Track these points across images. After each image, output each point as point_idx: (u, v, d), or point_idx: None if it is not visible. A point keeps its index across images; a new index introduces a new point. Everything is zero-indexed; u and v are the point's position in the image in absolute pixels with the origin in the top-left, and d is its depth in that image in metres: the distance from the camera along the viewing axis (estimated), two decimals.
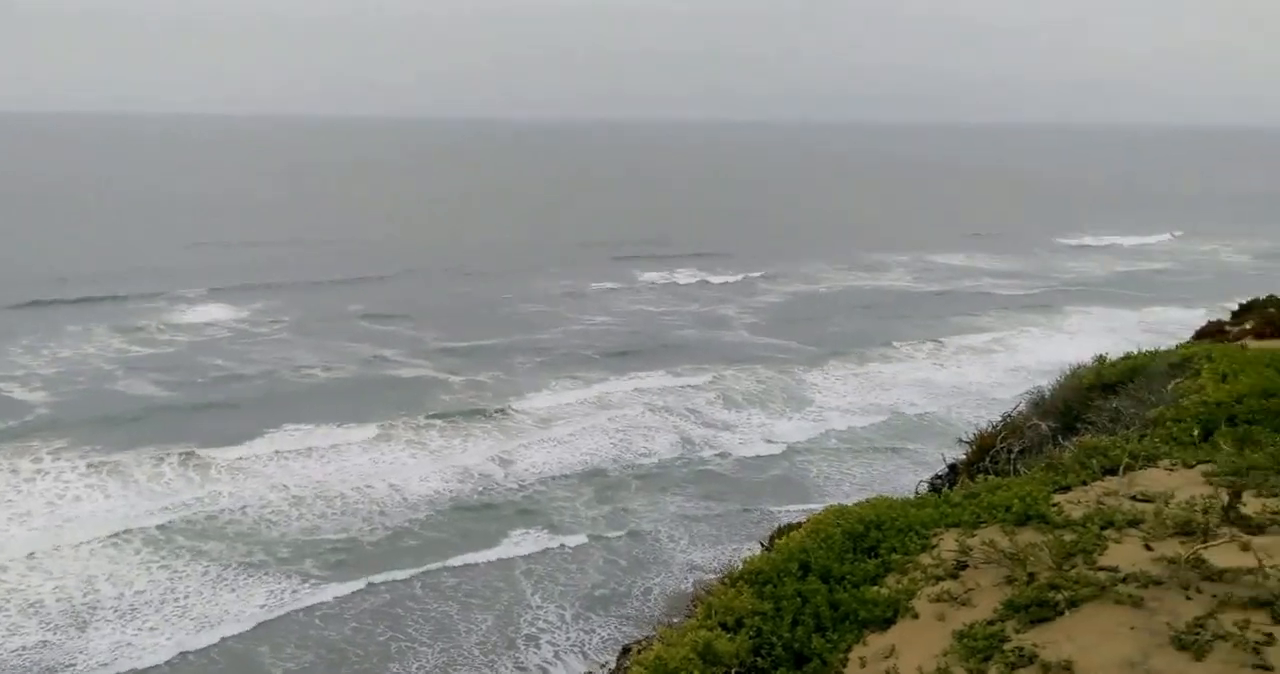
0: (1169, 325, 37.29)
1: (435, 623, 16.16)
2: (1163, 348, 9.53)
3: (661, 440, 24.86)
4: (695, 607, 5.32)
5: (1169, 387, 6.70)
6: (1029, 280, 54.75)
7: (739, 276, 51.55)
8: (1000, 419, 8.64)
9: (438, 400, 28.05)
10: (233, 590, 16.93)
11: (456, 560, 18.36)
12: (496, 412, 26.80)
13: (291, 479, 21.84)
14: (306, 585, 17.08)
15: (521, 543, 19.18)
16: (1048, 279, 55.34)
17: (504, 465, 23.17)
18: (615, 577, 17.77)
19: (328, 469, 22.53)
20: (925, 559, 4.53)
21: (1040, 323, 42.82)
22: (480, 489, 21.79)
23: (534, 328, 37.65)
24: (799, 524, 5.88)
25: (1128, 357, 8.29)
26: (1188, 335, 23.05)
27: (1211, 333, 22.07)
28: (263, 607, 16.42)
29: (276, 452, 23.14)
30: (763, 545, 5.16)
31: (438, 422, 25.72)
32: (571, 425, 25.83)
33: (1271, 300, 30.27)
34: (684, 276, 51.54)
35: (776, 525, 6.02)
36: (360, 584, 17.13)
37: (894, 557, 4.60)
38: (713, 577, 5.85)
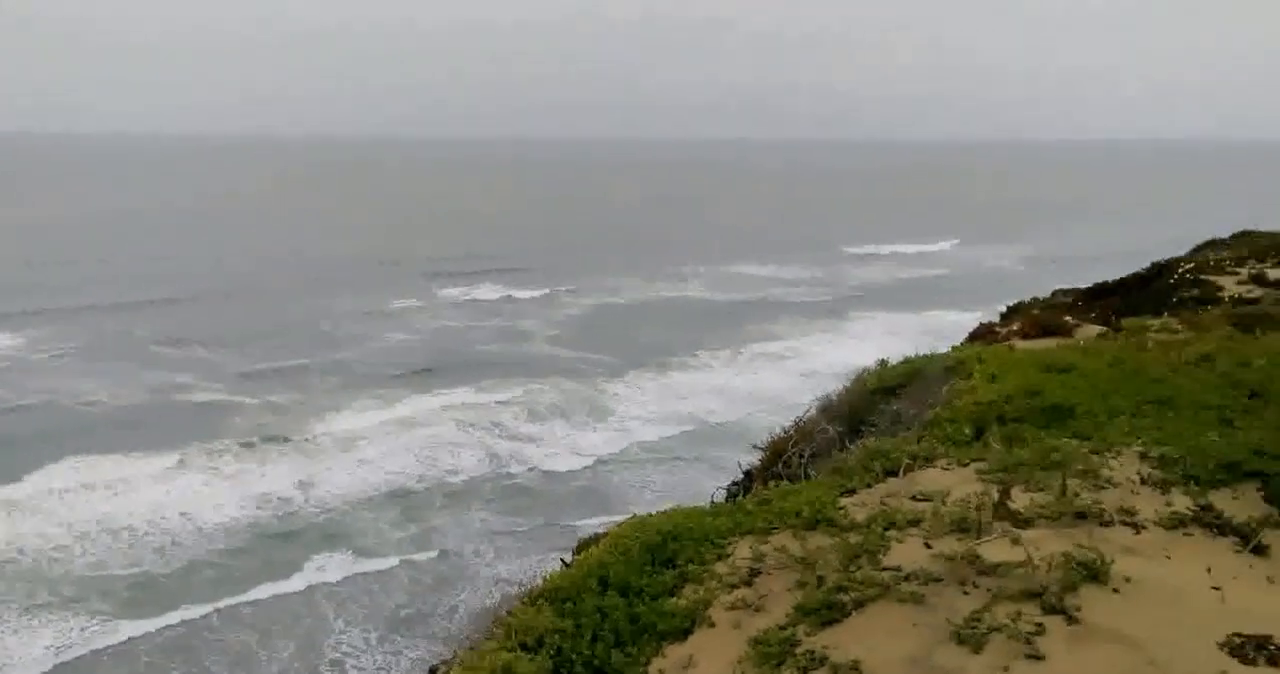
0: (947, 327, 39.69)
1: (234, 654, 15.32)
2: (940, 350, 9.96)
3: (467, 456, 24.42)
4: (496, 627, 5.14)
5: (944, 388, 7.00)
6: (820, 288, 57.24)
7: (541, 291, 51.50)
8: (792, 424, 8.84)
9: (233, 425, 26.67)
10: (15, 633, 15.56)
11: (256, 589, 17.49)
12: (296, 434, 25.72)
13: (75, 515, 20.28)
14: (95, 623, 15.92)
15: (325, 567, 18.44)
16: (837, 286, 58.00)
17: (305, 489, 22.21)
18: (421, 596, 17.30)
19: (116, 502, 21.03)
20: (721, 568, 4.51)
21: (830, 329, 44.82)
22: (280, 515, 20.82)
23: (334, 347, 36.37)
24: (601, 537, 5.79)
25: (907, 360, 8.65)
26: (963, 336, 24.47)
27: (983, 334, 23.49)
28: (49, 648, 15.18)
29: (56, 487, 21.47)
30: (564, 562, 5.04)
31: (233, 447, 24.46)
32: (375, 445, 25.04)
33: (1035, 302, 32.56)
34: (486, 292, 51.02)
35: (578, 539, 5.91)
36: (153, 620, 16.10)
37: (691, 567, 4.57)
38: (517, 590, 5.69)
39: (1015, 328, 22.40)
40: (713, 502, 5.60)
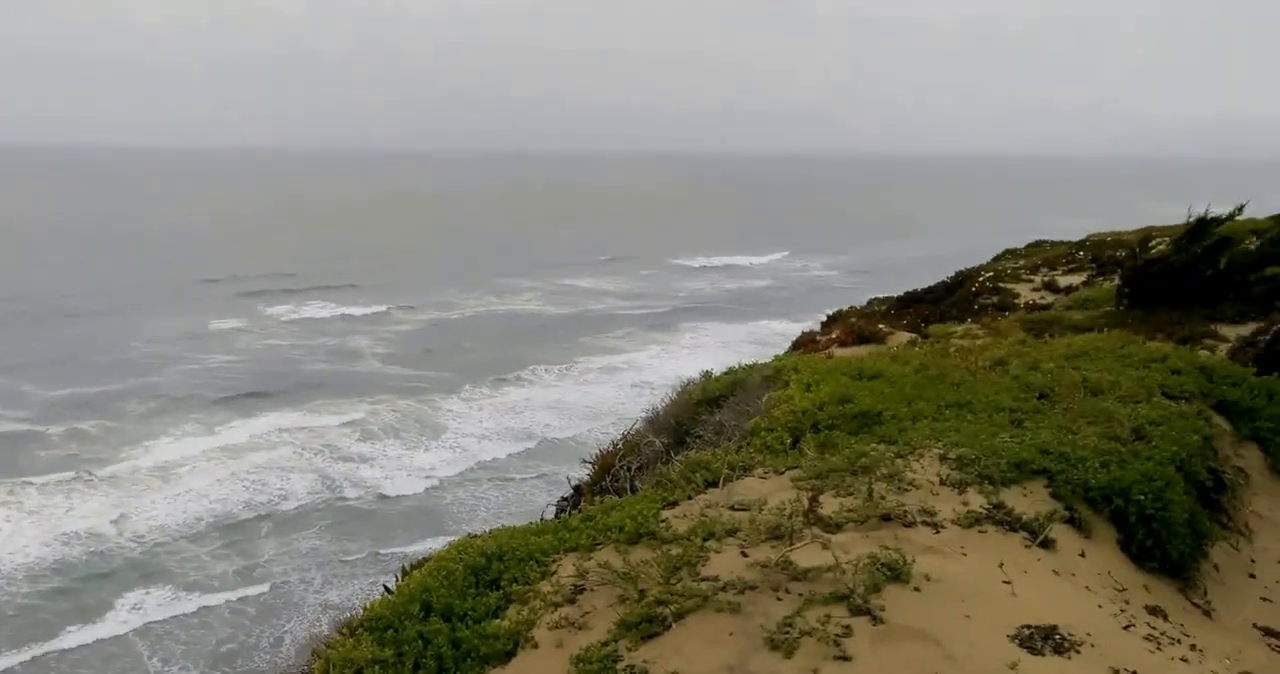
0: (772, 337, 40.95)
1: None
2: (767, 359, 10.17)
3: (298, 481, 23.53)
4: (315, 660, 4.93)
5: (763, 398, 7.17)
6: (651, 300, 57.99)
7: (371, 307, 50.28)
8: (620, 438, 8.89)
9: (37, 458, 24.86)
10: None
11: (64, 634, 16.34)
12: (108, 465, 24.18)
13: None
14: None
15: (141, 605, 17.39)
16: (668, 299, 58.90)
17: (119, 523, 20.89)
18: (245, 629, 16.53)
19: None
20: (545, 587, 4.47)
21: (662, 341, 45.45)
22: (92, 552, 19.50)
23: (149, 371, 34.43)
24: (426, 561, 5.64)
25: (730, 371, 8.82)
26: (787, 345, 25.24)
27: (805, 342, 24.27)
28: None
29: None
30: (386, 589, 4.88)
31: (37, 481, 22.78)
32: (198, 474, 23.81)
33: (853, 311, 33.89)
34: (314, 310, 49.39)
35: (405, 563, 5.74)
36: None
37: (515, 587, 4.51)
38: (342, 619, 5.47)
39: (834, 336, 23.25)
40: (542, 519, 5.54)
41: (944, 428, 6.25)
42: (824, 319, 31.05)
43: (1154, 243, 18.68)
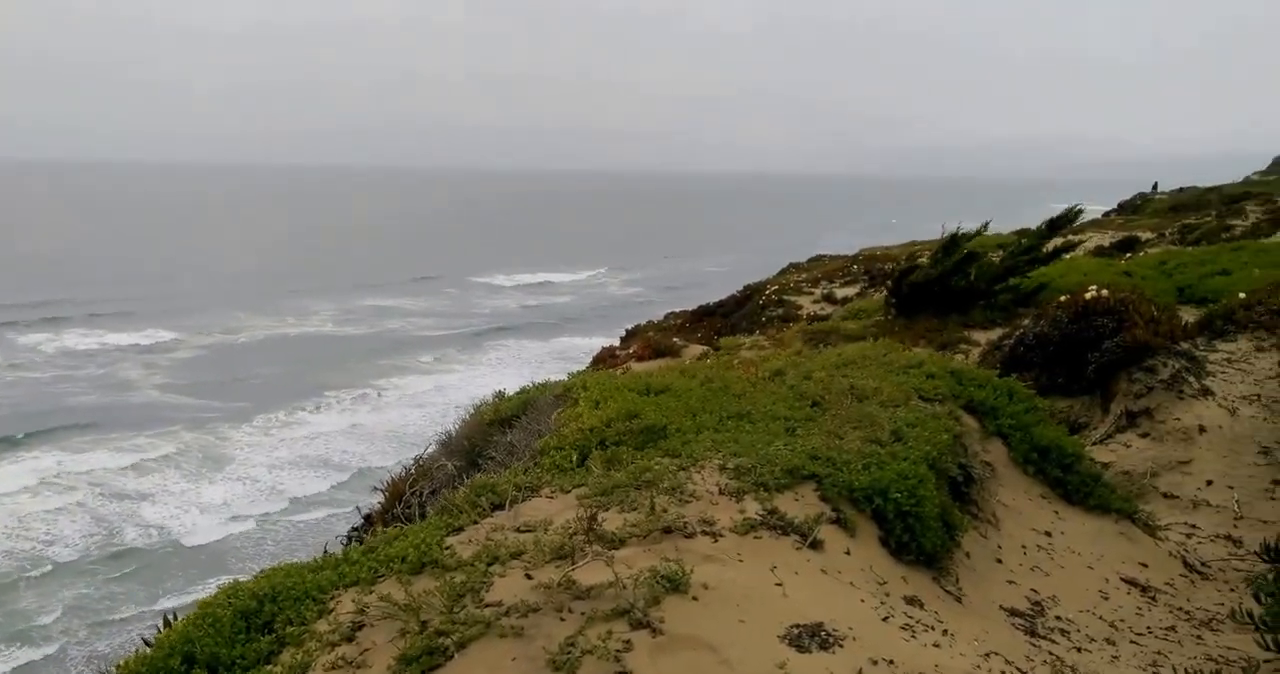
0: (576, 353, 41.17)
1: None
2: (571, 374, 10.14)
3: (67, 525, 21.68)
4: None
5: (553, 416, 7.17)
6: (454, 319, 57.22)
7: (145, 333, 47.14)
8: (412, 462, 8.68)
9: None
10: None
11: None
12: None
13: None
14: None
15: None
16: (472, 318, 58.29)
17: None
18: None
19: None
20: (322, 626, 4.28)
21: (465, 360, 44.91)
22: None
23: None
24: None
25: (522, 391, 8.78)
26: (588, 360, 25.47)
27: (605, 357, 24.56)
28: None
29: None
30: (145, 642, 4.55)
31: None
32: None
33: (651, 326, 34.54)
34: (77, 339, 45.78)
35: (164, 614, 5.37)
36: None
37: (290, 629, 4.29)
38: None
39: (632, 351, 23.63)
40: (326, 552, 5.31)
41: (724, 439, 6.42)
42: (623, 334, 31.57)
43: (917, 256, 19.96)
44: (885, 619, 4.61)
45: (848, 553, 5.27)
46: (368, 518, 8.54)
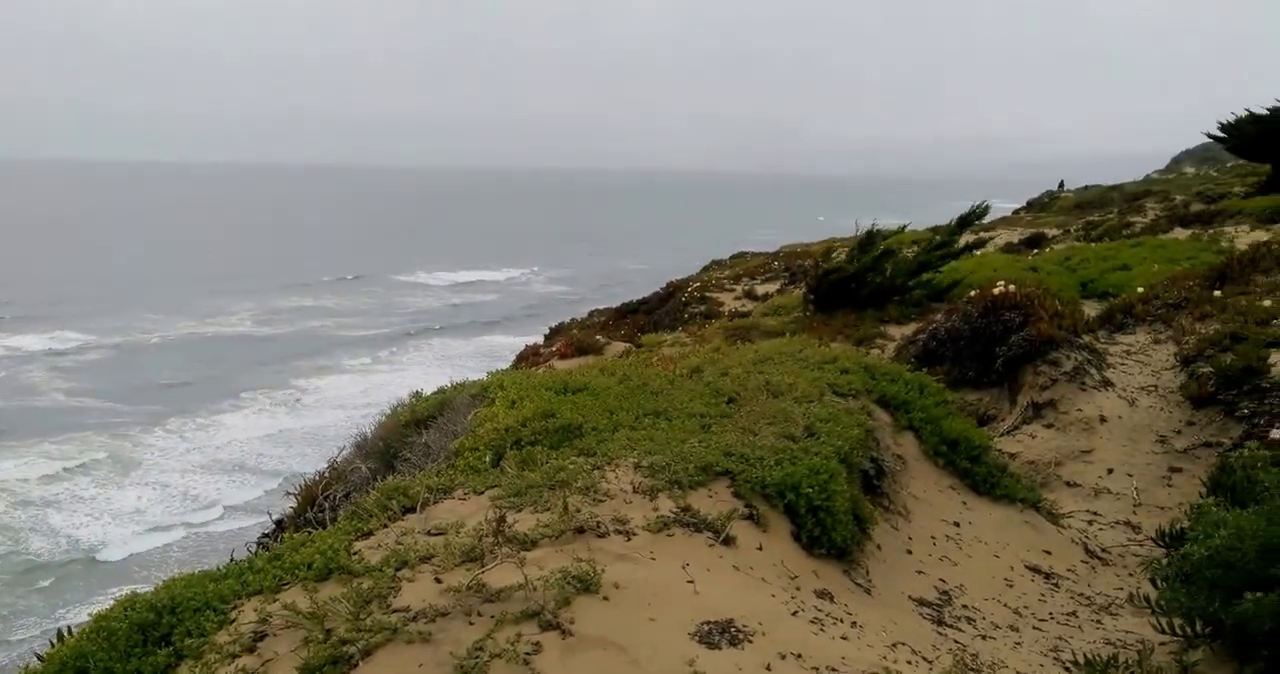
0: (501, 351, 40.80)
1: None
2: (487, 374, 10.00)
3: None
4: None
5: (469, 416, 7.06)
6: (376, 318, 56.30)
7: (52, 336, 45.46)
8: (327, 465, 8.49)
9: None
10: None
11: None
12: None
13: None
14: None
15: None
16: (393, 316, 57.41)
17: None
18: None
19: None
20: (222, 637, 4.14)
21: (389, 360, 44.23)
22: None
23: None
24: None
25: (439, 391, 8.64)
26: (514, 358, 25.28)
27: (529, 356, 24.41)
28: None
29: None
30: (38, 656, 4.35)
31: None
32: None
33: (575, 323, 34.43)
34: None
35: (58, 629, 5.15)
36: None
37: (188, 641, 4.14)
38: None
39: (556, 349, 23.49)
40: (232, 560, 5.15)
41: (640, 437, 6.39)
42: (547, 332, 31.41)
43: (835, 253, 20.21)
44: (795, 613, 4.62)
45: (760, 548, 5.29)
46: (279, 523, 8.32)
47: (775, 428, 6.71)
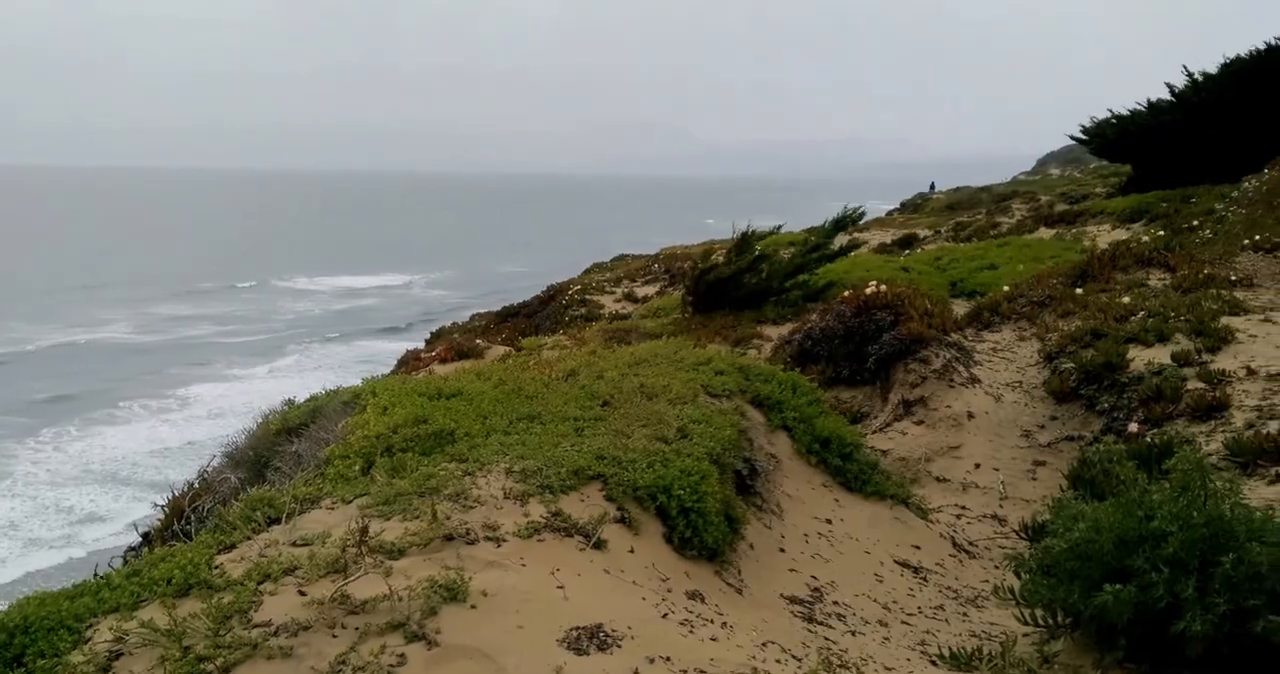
0: (381, 355, 40.01)
1: None
2: (362, 380, 9.80)
3: None
4: None
5: (341, 424, 6.91)
6: (255, 324, 54.57)
7: None
8: (196, 475, 8.20)
9: None
10: None
11: None
12: None
13: None
14: None
15: None
16: (273, 322, 55.72)
17: None
18: None
19: None
20: (76, 657, 3.96)
21: (269, 366, 42.92)
22: None
23: None
24: None
25: (312, 398, 8.43)
26: (394, 362, 24.79)
27: (410, 360, 24.04)
28: None
29: None
30: None
31: None
32: None
33: (456, 327, 34.01)
34: None
35: None
36: None
37: (41, 663, 3.95)
38: None
39: (436, 353, 23.22)
40: (96, 575, 4.92)
41: (513, 442, 6.37)
42: (428, 337, 30.96)
43: (713, 255, 20.47)
44: (665, 616, 4.68)
45: (632, 551, 5.33)
46: (146, 536, 7.99)
47: (649, 430, 6.77)
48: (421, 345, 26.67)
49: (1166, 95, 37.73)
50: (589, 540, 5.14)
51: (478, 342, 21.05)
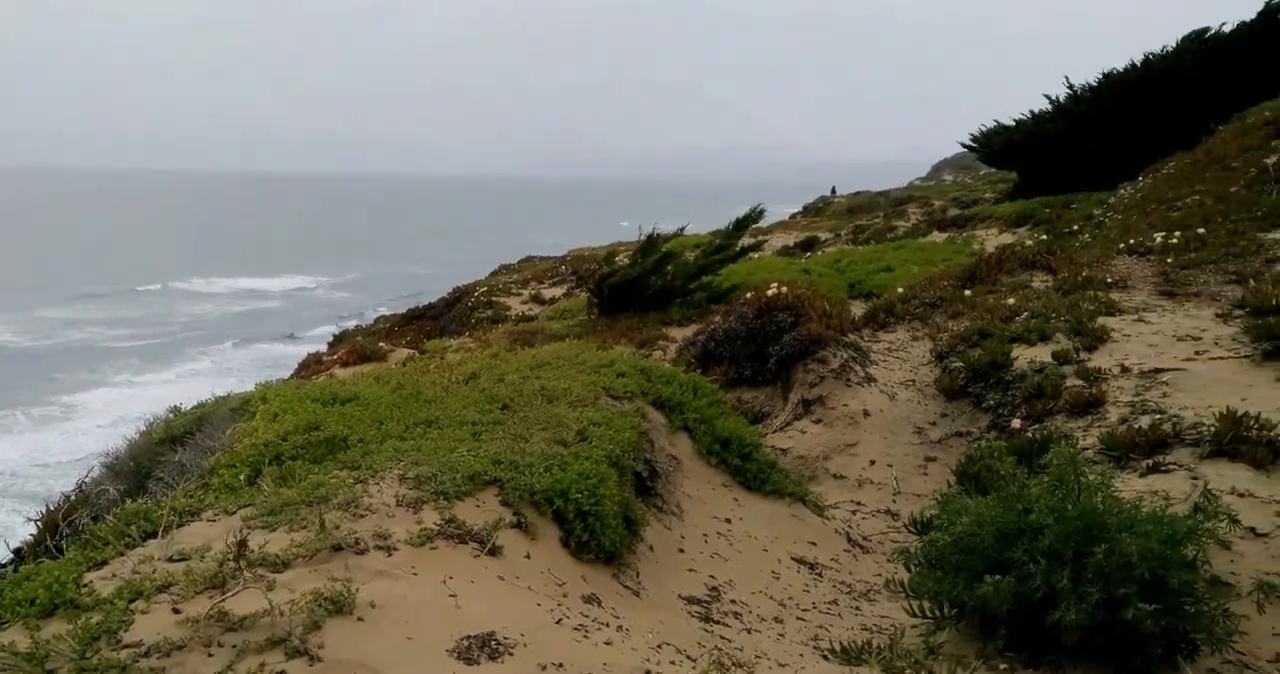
0: (284, 359, 38.90)
1: None
2: (257, 385, 9.47)
3: None
4: None
5: (228, 431, 6.64)
6: (149, 328, 52.57)
7: None
8: (74, 487, 7.79)
9: None
10: None
11: None
12: None
13: None
14: None
15: None
16: (168, 325, 53.77)
17: None
18: None
19: None
20: None
21: (163, 371, 41.38)
22: None
23: None
24: None
25: (199, 405, 8.09)
26: (295, 365, 24.10)
27: (311, 364, 23.40)
28: None
29: None
30: None
31: None
32: None
33: (359, 330, 33.21)
34: None
35: None
36: None
37: None
38: None
39: (337, 357, 22.65)
40: None
41: (408, 447, 6.20)
42: (331, 340, 30.22)
43: (619, 257, 20.46)
44: (559, 622, 4.59)
45: (528, 557, 5.23)
46: (18, 552, 7.56)
47: (548, 433, 6.67)
48: (325, 349, 26.02)
49: (1049, 106, 39.15)
50: (484, 547, 5.02)
51: (380, 345, 20.59)
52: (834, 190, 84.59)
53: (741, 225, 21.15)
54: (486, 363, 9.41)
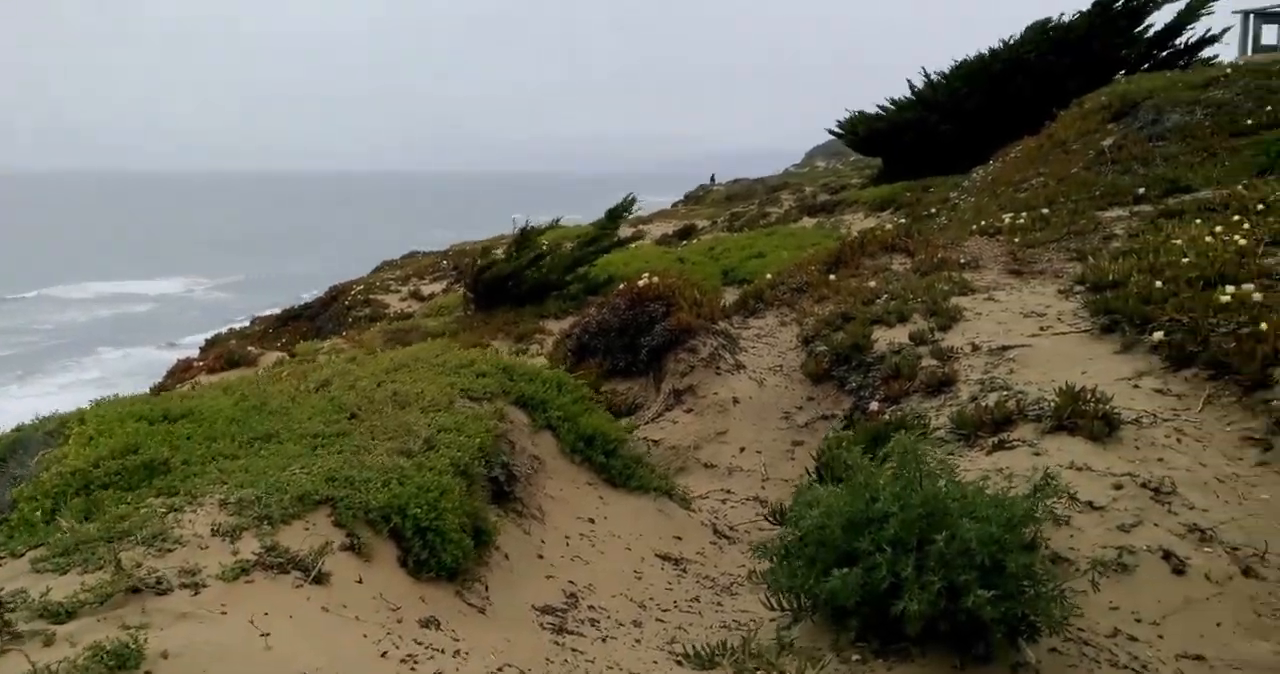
0: (156, 366, 36.89)
1: None
2: (91, 401, 8.67)
3: None
4: None
5: (36, 458, 5.97)
6: (7, 336, 49.29)
7: None
8: None
9: None
10: None
11: None
12: None
13: None
14: None
15: None
16: (29, 333, 50.59)
17: None
18: None
19: None
20: None
21: (24, 382, 38.88)
22: None
23: None
24: None
25: (17, 429, 7.32)
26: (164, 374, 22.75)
27: (181, 370, 22.12)
28: None
29: None
30: None
31: None
32: None
33: (233, 333, 31.74)
34: None
35: None
36: None
37: None
38: None
39: (205, 363, 21.43)
40: None
41: (236, 467, 5.66)
42: (203, 344, 28.77)
43: (495, 251, 19.93)
44: (384, 654, 4.18)
45: (360, 581, 4.79)
46: None
47: (393, 443, 6.22)
48: (196, 354, 24.74)
49: (909, 93, 40.00)
50: (308, 575, 4.56)
51: (250, 349, 19.60)
52: (713, 178, 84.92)
53: (614, 215, 20.84)
54: (340, 368, 8.84)
